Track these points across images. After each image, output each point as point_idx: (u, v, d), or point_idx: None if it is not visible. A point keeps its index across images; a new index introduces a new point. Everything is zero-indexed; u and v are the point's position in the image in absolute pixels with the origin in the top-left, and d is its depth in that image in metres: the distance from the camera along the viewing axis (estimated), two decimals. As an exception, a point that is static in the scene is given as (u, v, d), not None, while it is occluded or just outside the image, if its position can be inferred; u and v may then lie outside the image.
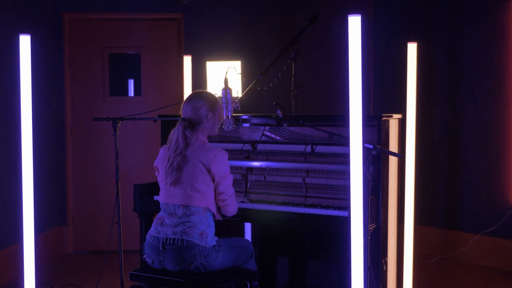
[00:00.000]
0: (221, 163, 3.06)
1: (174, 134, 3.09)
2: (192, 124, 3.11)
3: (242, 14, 5.80)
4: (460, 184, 5.41)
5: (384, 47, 5.83)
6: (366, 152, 2.97)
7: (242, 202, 3.47)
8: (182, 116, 3.14)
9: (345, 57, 2.57)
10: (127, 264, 3.77)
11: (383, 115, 3.31)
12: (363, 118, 2.56)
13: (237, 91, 3.48)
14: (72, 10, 5.63)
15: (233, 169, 3.84)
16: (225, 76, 3.47)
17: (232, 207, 3.14)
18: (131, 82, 5.85)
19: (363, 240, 3.02)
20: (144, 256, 3.12)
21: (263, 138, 3.83)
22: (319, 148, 3.62)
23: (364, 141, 3.38)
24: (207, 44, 5.67)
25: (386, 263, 3.44)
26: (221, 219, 3.18)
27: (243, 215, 3.47)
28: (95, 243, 5.70)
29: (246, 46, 5.67)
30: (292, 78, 4.33)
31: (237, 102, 3.45)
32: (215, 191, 3.07)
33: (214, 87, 5.00)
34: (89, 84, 5.72)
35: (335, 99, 5.63)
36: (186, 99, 3.20)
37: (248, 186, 3.81)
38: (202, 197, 3.02)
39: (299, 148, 3.68)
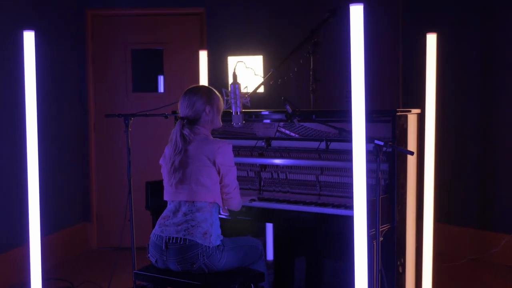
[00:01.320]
0: (226, 154, 2.98)
1: (173, 134, 3.01)
2: (191, 122, 3.03)
3: (264, 8, 5.68)
4: (492, 183, 5.18)
5: (414, 39, 5.63)
6: (377, 149, 2.83)
7: (252, 200, 3.37)
8: (180, 115, 3.06)
9: (347, 49, 2.43)
10: (141, 261, 3.71)
11: (397, 110, 3.15)
12: (367, 113, 2.42)
13: (245, 87, 3.36)
14: (95, 6, 5.61)
15: (246, 166, 3.74)
16: (233, 71, 3.36)
17: (236, 200, 3.05)
18: (153, 78, 5.81)
19: (375, 242, 2.90)
20: (148, 255, 3.04)
21: (277, 134, 3.71)
22: (334, 145, 3.48)
23: (375, 137, 3.25)
24: (228, 39, 5.58)
25: (402, 264, 3.29)
26: (227, 214, 3.08)
27: (253, 214, 3.37)
28: (119, 239, 5.67)
29: (268, 41, 5.55)
30: (311, 73, 4.19)
31: (246, 98, 3.34)
32: (220, 183, 2.98)
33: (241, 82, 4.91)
34: (112, 80, 5.69)
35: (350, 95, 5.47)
36: (181, 97, 3.12)
37: (262, 184, 3.70)
38: (208, 191, 2.94)
39: (314, 145, 3.55)
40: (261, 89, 5.31)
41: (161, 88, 5.74)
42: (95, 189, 5.71)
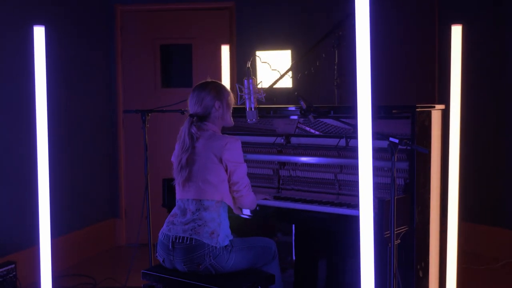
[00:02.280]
0: (234, 150, 2.88)
1: (181, 131, 2.93)
2: (200, 119, 2.95)
3: (295, 2, 5.54)
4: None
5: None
6: (392, 147, 2.69)
7: (265, 199, 3.26)
8: (189, 113, 2.98)
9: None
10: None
11: (417, 105, 2.99)
12: (373, 108, 2.28)
13: (260, 81, 3.25)
14: (124, 2, 5.59)
15: (265, 163, 3.64)
16: (247, 65, 3.26)
17: (248, 199, 2.94)
18: (182, 73, 5.75)
19: (390, 245, 2.75)
20: (156, 254, 2.98)
21: (297, 131, 3.59)
22: (354, 142, 3.34)
23: (394, 134, 3.09)
24: (257, 34, 5.47)
25: (423, 268, 3.13)
26: (240, 214, 2.98)
27: (266, 213, 3.26)
28: (147, 236, 5.64)
29: (297, 35, 5.41)
30: (335, 67, 4.06)
31: (261, 93, 3.23)
32: (229, 181, 2.88)
33: (263, 77, 4.83)
34: (141, 76, 5.66)
35: (384, 90, 5.27)
36: (190, 94, 3.03)
37: (281, 182, 3.59)
38: (215, 189, 2.84)
39: (334, 142, 3.41)
40: (289, 84, 5.23)
41: (189, 84, 5.67)
42: (124, 185, 5.69)
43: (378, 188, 3.17)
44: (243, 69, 5.15)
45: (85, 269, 4.80)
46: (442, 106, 3.26)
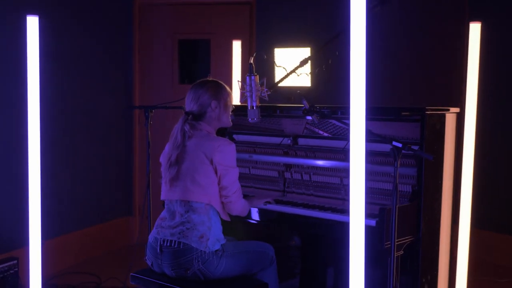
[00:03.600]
0: (225, 153, 2.72)
1: (175, 128, 2.80)
2: (195, 117, 2.80)
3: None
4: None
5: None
6: (395, 152, 2.50)
7: (267, 203, 3.10)
8: (185, 110, 2.84)
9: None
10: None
11: (427, 108, 2.79)
12: (367, 109, 2.10)
13: (264, 78, 3.09)
14: (144, -5, 5.49)
15: (271, 165, 3.48)
16: (250, 61, 3.10)
17: (237, 205, 2.79)
18: (200, 69, 5.63)
19: (390, 256, 2.56)
20: (145, 258, 2.85)
21: (305, 132, 3.42)
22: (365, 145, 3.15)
23: (402, 138, 2.91)
24: (276, 30, 5.30)
25: (429, 282, 2.92)
26: (229, 219, 2.83)
27: (267, 217, 3.11)
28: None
29: (317, 33, 5.22)
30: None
31: (264, 91, 3.06)
32: (218, 185, 2.73)
33: (281, 75, 4.67)
34: (158, 71, 5.55)
35: (403, 90, 5.05)
36: (188, 91, 2.90)
37: (286, 185, 3.43)
38: (203, 191, 2.70)
39: (341, 144, 3.23)
40: (308, 83, 5.05)
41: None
42: (138, 182, 5.59)
43: (383, 194, 2.99)
44: (261, 66, 5.03)
45: (94, 267, 4.72)
46: (457, 109, 3.05)
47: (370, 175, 3.06)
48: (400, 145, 2.48)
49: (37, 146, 3.01)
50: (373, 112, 3.08)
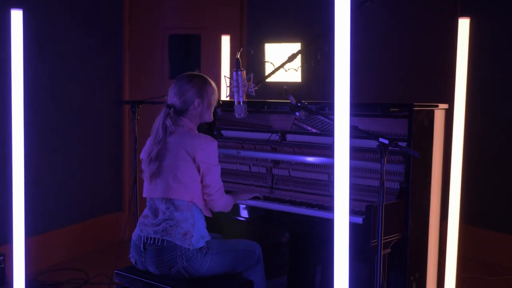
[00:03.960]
0: (208, 151, 2.68)
1: (156, 122, 2.75)
2: (177, 112, 2.76)
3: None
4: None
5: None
6: (381, 148, 2.46)
7: (255, 198, 3.07)
8: (167, 103, 2.80)
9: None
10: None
11: (415, 104, 2.75)
12: (355, 105, 2.06)
13: (250, 74, 3.05)
14: (134, -11, 5.44)
15: (258, 161, 3.44)
16: (237, 56, 3.06)
17: (219, 202, 2.75)
18: (191, 65, 5.57)
19: (377, 255, 2.53)
20: (129, 256, 2.81)
21: (293, 127, 3.39)
22: (353, 142, 3.11)
23: (389, 134, 2.88)
24: (267, 25, 5.26)
25: (417, 280, 2.90)
26: (210, 215, 2.79)
27: (251, 214, 3.07)
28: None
29: (308, 28, 5.18)
30: (340, 61, 3.82)
31: (251, 86, 3.02)
32: (201, 183, 2.69)
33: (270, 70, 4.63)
34: (148, 66, 5.50)
35: (394, 86, 5.01)
36: (173, 82, 2.85)
37: (274, 182, 3.39)
38: (185, 189, 2.65)
39: (330, 140, 3.19)
40: (298, 79, 5.01)
41: (197, 76, 5.49)
42: (128, 178, 5.55)
43: (371, 191, 2.95)
44: (251, 61, 4.99)
45: (82, 264, 4.67)
46: (445, 105, 3.02)
47: (358, 172, 3.03)
48: (386, 141, 2.45)
49: (21, 141, 2.95)
50: (361, 108, 3.05)
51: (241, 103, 3.01)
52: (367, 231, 2.59)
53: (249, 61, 5.05)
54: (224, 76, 3.05)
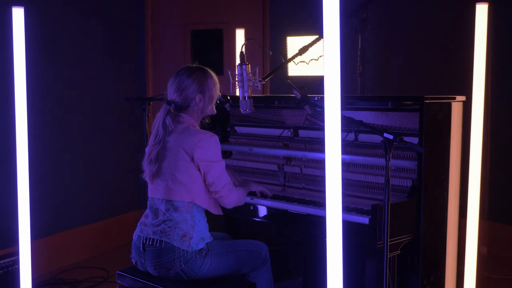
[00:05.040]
0: (206, 148, 2.56)
1: (156, 120, 2.66)
2: (178, 108, 2.66)
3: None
4: None
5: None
6: (386, 144, 2.32)
7: (262, 193, 2.96)
8: (167, 98, 2.70)
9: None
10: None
11: (426, 96, 2.59)
12: (342, 97, 1.93)
13: (256, 67, 2.94)
14: (156, -15, 5.39)
15: (270, 158, 3.33)
16: (241, 49, 2.95)
17: (229, 198, 2.63)
18: (213, 60, 5.49)
19: (384, 257, 2.39)
20: (130, 256, 2.73)
21: (306, 123, 3.26)
22: (364, 137, 2.97)
23: (402, 129, 2.73)
24: (289, 18, 5.13)
25: (431, 284, 2.73)
26: (221, 213, 2.69)
27: (257, 213, 2.96)
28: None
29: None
30: (359, 53, 3.68)
31: (257, 81, 2.91)
32: (204, 182, 2.59)
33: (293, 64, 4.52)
34: (171, 62, 5.44)
35: (410, 80, 4.78)
36: (173, 76, 2.75)
37: (286, 179, 3.27)
38: (185, 190, 2.56)
39: (342, 135, 3.05)
40: (321, 73, 4.86)
41: (220, 71, 5.40)
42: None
43: (382, 189, 2.80)
44: (274, 55, 4.87)
45: (103, 261, 4.65)
46: (463, 98, 2.84)
47: (369, 169, 2.88)
48: (391, 136, 2.30)
49: (25, 141, 2.92)
50: (371, 102, 2.91)
51: (246, 98, 2.90)
52: (373, 232, 2.45)
53: (273, 56, 4.94)
54: (229, 70, 2.95)
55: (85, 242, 4.78)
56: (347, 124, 2.80)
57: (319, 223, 2.69)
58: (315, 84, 4.69)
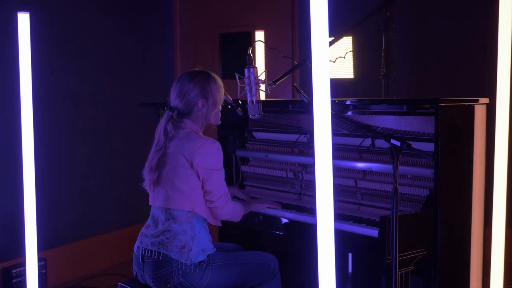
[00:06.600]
0: (207, 155, 2.43)
1: (159, 127, 2.55)
2: (180, 114, 2.55)
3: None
4: None
5: None
6: (393, 151, 2.15)
7: (270, 207, 2.82)
8: (169, 105, 2.59)
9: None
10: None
11: (441, 99, 2.40)
12: (332, 101, 1.77)
13: (264, 71, 2.81)
14: (184, -12, 5.31)
15: (286, 164, 3.18)
16: (249, 52, 2.82)
17: (224, 210, 2.49)
18: (242, 64, 5.36)
19: (392, 273, 2.21)
20: (132, 267, 2.63)
21: (323, 128, 3.09)
22: (381, 143, 2.79)
23: (418, 134, 2.56)
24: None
25: (451, 301, 2.53)
26: (219, 224, 2.56)
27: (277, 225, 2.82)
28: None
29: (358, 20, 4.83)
30: (382, 54, 3.50)
31: (266, 84, 2.77)
32: (202, 189, 2.47)
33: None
34: (199, 66, 5.34)
35: (441, 82, 4.51)
36: (175, 81, 2.64)
37: (303, 187, 3.12)
38: (185, 198, 2.44)
39: (357, 141, 2.88)
40: (350, 75, 4.68)
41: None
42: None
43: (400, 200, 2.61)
44: (304, 58, 4.71)
45: (126, 269, 4.59)
46: (486, 100, 2.63)
47: (385, 177, 2.70)
48: (398, 143, 2.13)
49: (31, 143, 2.86)
50: (385, 105, 2.73)
51: (255, 103, 2.77)
52: (381, 246, 2.27)
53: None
54: (236, 74, 2.82)
55: (108, 249, 4.73)
56: (355, 129, 2.63)
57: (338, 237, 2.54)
58: (344, 86, 4.52)
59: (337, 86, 4.56)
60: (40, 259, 4.04)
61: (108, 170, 4.75)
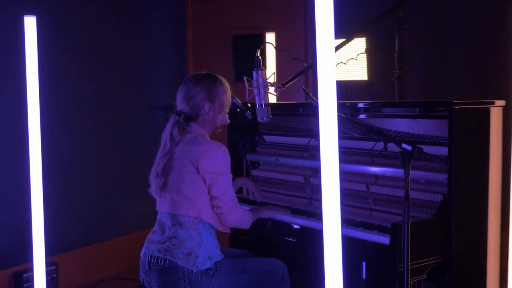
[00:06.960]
0: (213, 159, 2.37)
1: (165, 131, 2.49)
2: (187, 118, 2.49)
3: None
4: None
5: None
6: (404, 155, 2.08)
7: (279, 213, 2.76)
8: (176, 109, 2.53)
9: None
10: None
11: (455, 101, 2.32)
12: (343, 104, 1.70)
13: (273, 73, 2.75)
14: (196, -10, 5.27)
15: (296, 169, 3.12)
16: (257, 53, 2.76)
17: (231, 217, 2.43)
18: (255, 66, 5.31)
19: (404, 282, 2.13)
20: (139, 274, 2.58)
21: (335, 131, 3.02)
22: (393, 147, 2.71)
23: (433, 137, 2.48)
24: (334, 21, 4.88)
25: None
26: (228, 231, 2.50)
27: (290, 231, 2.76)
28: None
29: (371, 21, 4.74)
30: (396, 55, 3.42)
31: (275, 87, 2.71)
32: (209, 194, 2.41)
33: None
34: (212, 69, 5.28)
35: (453, 84, 4.39)
36: (181, 85, 2.58)
37: (313, 192, 3.05)
38: (191, 204, 2.38)
39: (369, 145, 2.81)
40: (364, 77, 4.59)
41: (262, 77, 5.22)
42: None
43: (414, 205, 2.54)
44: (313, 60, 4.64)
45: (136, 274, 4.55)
46: (502, 102, 2.55)
47: (398, 182, 2.63)
48: (409, 147, 2.06)
49: (38, 146, 2.83)
50: (397, 109, 2.65)
51: (263, 106, 2.71)
52: (392, 254, 2.20)
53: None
54: (244, 77, 2.76)
55: (120, 254, 4.69)
56: (365, 132, 2.56)
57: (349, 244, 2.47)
58: (357, 89, 4.44)
59: (351, 88, 4.48)
60: (51, 263, 4.02)
61: (121, 176, 4.71)
